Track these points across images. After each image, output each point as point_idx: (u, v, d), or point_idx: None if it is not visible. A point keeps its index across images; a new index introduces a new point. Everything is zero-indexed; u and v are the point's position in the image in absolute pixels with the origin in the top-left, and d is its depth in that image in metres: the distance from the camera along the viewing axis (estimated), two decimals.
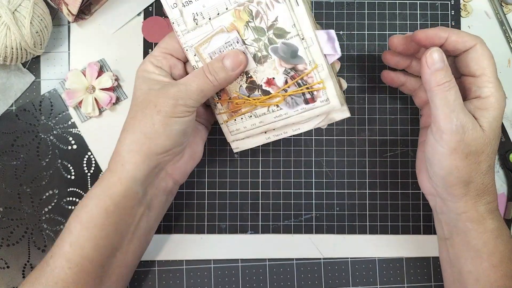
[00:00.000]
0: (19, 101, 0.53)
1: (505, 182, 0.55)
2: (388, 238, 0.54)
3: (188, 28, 0.43)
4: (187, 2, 0.42)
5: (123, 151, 0.43)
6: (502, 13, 0.55)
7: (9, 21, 0.46)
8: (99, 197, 0.43)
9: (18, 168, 0.53)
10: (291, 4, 0.41)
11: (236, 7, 0.42)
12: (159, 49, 0.46)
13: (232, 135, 0.48)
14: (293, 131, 0.46)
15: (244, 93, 0.45)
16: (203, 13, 0.43)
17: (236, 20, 0.42)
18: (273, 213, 0.54)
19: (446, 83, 0.41)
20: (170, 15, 0.43)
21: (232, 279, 0.53)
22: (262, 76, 0.44)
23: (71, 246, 0.43)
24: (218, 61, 0.43)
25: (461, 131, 0.41)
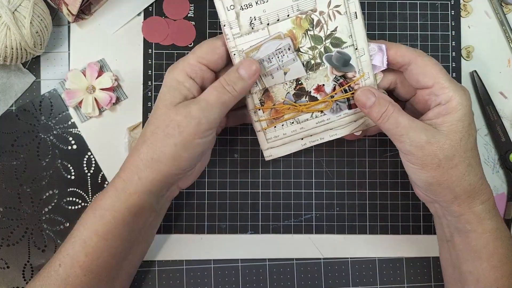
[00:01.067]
0: (19, 101, 0.53)
1: (505, 182, 0.55)
2: (388, 238, 0.54)
3: (242, 32, 0.42)
4: (247, 5, 0.41)
5: (141, 164, 0.43)
6: (502, 13, 0.55)
7: (9, 21, 0.46)
8: (117, 210, 0.43)
9: (18, 168, 0.53)
10: (351, 17, 0.43)
11: (298, 14, 0.42)
12: (195, 57, 0.43)
13: (268, 142, 0.47)
14: (330, 136, 0.48)
15: (290, 99, 0.46)
16: (262, 18, 0.42)
17: (296, 27, 0.43)
18: (273, 213, 0.54)
19: (383, 115, 0.43)
20: (222, 17, 0.42)
21: (232, 279, 0.53)
22: (313, 83, 0.45)
23: (87, 256, 0.43)
24: (234, 71, 0.43)
25: (419, 147, 0.42)
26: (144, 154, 0.43)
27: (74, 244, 0.43)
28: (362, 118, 0.47)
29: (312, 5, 0.42)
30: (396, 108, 0.43)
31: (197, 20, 0.54)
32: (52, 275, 0.43)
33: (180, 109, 0.42)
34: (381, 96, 0.43)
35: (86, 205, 0.53)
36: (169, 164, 0.43)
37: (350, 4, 0.43)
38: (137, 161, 0.43)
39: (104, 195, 0.44)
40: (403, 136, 0.42)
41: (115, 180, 0.44)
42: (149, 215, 0.46)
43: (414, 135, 0.42)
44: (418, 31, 0.54)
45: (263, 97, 0.46)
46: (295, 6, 0.42)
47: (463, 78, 0.55)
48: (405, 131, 0.42)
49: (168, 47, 0.54)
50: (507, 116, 0.55)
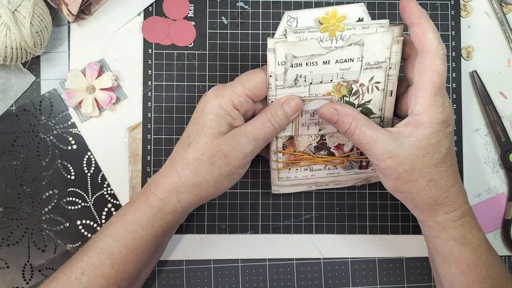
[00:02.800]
0: (19, 101, 0.53)
1: (505, 182, 0.55)
2: (388, 238, 0.54)
3: (285, 85, 0.44)
4: (297, 64, 0.43)
5: (182, 187, 0.44)
6: (502, 13, 0.55)
7: (9, 21, 0.46)
8: (152, 227, 0.44)
9: (18, 168, 0.53)
10: (386, 94, 0.46)
11: (340, 81, 0.45)
12: (242, 89, 0.43)
13: (279, 181, 0.50)
14: (334, 185, 0.51)
15: (310, 150, 0.49)
16: (307, 77, 0.44)
17: (334, 91, 0.45)
18: (273, 213, 0.54)
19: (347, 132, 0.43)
20: (271, 68, 0.43)
21: (232, 279, 0.53)
22: (335, 141, 0.49)
23: (114, 267, 0.44)
24: (279, 108, 0.44)
25: (380, 160, 0.42)
26: (186, 178, 0.43)
27: (100, 255, 0.44)
28: (367, 175, 0.51)
29: (355, 77, 0.45)
30: (360, 122, 0.43)
31: (197, 20, 0.54)
32: (73, 281, 0.43)
33: (228, 140, 0.43)
34: (344, 113, 0.43)
35: (86, 205, 0.53)
36: (210, 191, 0.44)
37: (389, 83, 0.45)
38: (177, 183, 0.44)
39: (136, 210, 0.44)
40: (367, 150, 0.43)
41: (149, 196, 0.44)
42: (176, 228, 0.48)
43: (376, 149, 0.42)
44: None
45: (286, 143, 0.48)
46: (340, 74, 0.44)
47: (463, 78, 0.55)
48: (369, 145, 0.42)
49: (168, 47, 0.54)
50: (507, 116, 0.55)
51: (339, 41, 0.42)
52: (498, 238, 0.55)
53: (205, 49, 0.54)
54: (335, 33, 0.42)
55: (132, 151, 0.53)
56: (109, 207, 0.53)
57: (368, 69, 0.44)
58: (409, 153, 0.41)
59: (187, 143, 0.44)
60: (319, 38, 0.42)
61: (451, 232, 0.43)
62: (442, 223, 0.43)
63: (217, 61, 0.54)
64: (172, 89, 0.54)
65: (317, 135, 0.48)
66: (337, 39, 0.42)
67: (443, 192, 0.42)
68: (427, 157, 0.41)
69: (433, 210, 0.43)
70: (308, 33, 0.42)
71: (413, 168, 0.41)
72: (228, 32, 0.54)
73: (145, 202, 0.44)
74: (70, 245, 0.53)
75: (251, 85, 0.43)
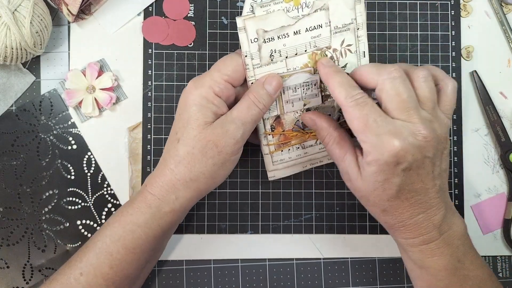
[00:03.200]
0: (19, 101, 0.53)
1: (505, 182, 0.55)
2: (388, 238, 0.54)
3: (262, 63, 0.45)
4: (270, 39, 0.44)
5: (179, 184, 0.43)
6: (502, 13, 0.55)
7: (9, 21, 0.46)
8: (150, 227, 0.44)
9: (18, 168, 0.53)
10: (360, 55, 0.47)
11: (314, 50, 0.46)
12: (220, 75, 0.43)
13: (274, 165, 0.50)
14: (328, 160, 0.51)
15: (299, 127, 0.49)
16: (282, 51, 0.45)
17: (311, 61, 0.46)
18: (273, 213, 0.54)
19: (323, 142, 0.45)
20: (245, 48, 0.44)
21: (232, 279, 0.53)
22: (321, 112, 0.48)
23: (112, 268, 0.44)
24: (261, 88, 0.44)
25: (346, 178, 0.44)
26: (181, 174, 0.43)
27: (99, 256, 0.44)
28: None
29: (327, 43, 0.46)
30: (332, 139, 0.44)
31: (197, 20, 0.54)
32: (72, 282, 0.43)
33: (216, 129, 0.43)
34: (321, 126, 0.45)
35: (86, 205, 0.53)
36: (207, 183, 0.44)
37: (360, 44, 0.46)
38: (173, 180, 0.43)
39: (134, 210, 0.44)
40: (337, 165, 0.44)
41: (147, 196, 0.44)
42: (176, 227, 0.48)
43: (342, 169, 0.44)
44: (418, 31, 0.54)
45: (274, 123, 0.48)
46: (312, 42, 0.45)
47: (463, 78, 0.55)
48: (336, 162, 0.44)
49: (168, 47, 0.54)
50: (507, 116, 0.55)
51: (305, 9, 0.44)
52: (498, 238, 0.55)
53: (205, 49, 0.54)
54: (299, 1, 0.43)
55: (132, 151, 0.53)
56: (109, 207, 0.53)
57: (337, 33, 0.45)
58: (362, 184, 0.42)
59: (176, 140, 0.44)
60: (286, 9, 0.43)
61: (410, 254, 0.44)
62: (401, 244, 0.45)
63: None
64: (172, 89, 0.54)
65: (302, 110, 0.48)
66: (302, 7, 0.44)
67: (398, 222, 0.43)
68: (377, 191, 0.41)
69: (393, 232, 0.45)
70: (274, 5, 0.43)
71: (367, 197, 0.43)
72: (228, 32, 0.54)
73: (143, 202, 0.44)
74: (70, 245, 0.53)
75: (228, 70, 0.43)
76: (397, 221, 0.42)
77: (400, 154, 0.39)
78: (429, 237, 0.42)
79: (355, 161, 0.43)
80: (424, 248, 0.43)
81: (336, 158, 0.44)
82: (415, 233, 0.43)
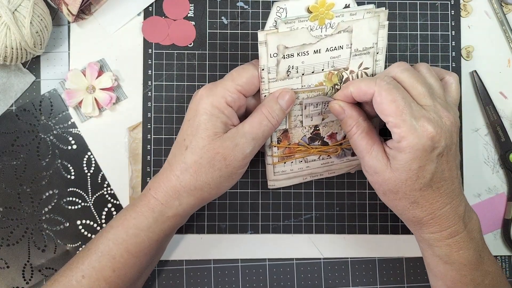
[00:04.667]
0: (19, 101, 0.53)
1: (505, 182, 0.55)
2: (388, 238, 0.54)
3: (278, 77, 0.44)
4: (289, 56, 0.43)
5: (183, 191, 0.43)
6: (502, 13, 0.55)
7: (9, 21, 0.46)
8: (153, 231, 0.44)
9: (18, 168, 0.53)
10: None
11: (331, 70, 0.45)
12: (234, 85, 0.43)
13: (275, 175, 0.50)
14: (329, 174, 0.52)
15: (305, 141, 0.49)
16: (299, 68, 0.44)
17: (326, 81, 0.46)
18: (273, 213, 0.54)
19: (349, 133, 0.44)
20: (263, 61, 0.43)
21: (232, 279, 0.53)
22: (328, 130, 0.49)
23: (115, 271, 0.44)
24: (275, 102, 0.44)
25: (369, 173, 0.43)
26: (186, 182, 0.43)
27: (101, 259, 0.44)
28: (358, 161, 0.50)
29: (345, 64, 0.45)
30: (360, 129, 0.43)
31: (197, 20, 0.54)
32: (74, 284, 0.43)
33: (226, 141, 0.42)
34: (350, 114, 0.44)
35: (86, 205, 0.53)
36: (211, 193, 0.44)
37: (377, 68, 0.46)
38: (177, 187, 0.43)
39: (137, 214, 0.44)
40: (360, 158, 0.44)
41: (151, 200, 0.44)
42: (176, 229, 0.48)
43: (368, 161, 0.43)
44: (418, 31, 0.54)
45: (281, 136, 0.48)
46: (331, 62, 0.45)
47: (463, 78, 0.55)
48: (361, 155, 0.43)
49: (168, 47, 0.54)
50: (507, 116, 0.55)
51: (329, 29, 0.43)
52: (498, 238, 0.55)
53: (205, 49, 0.54)
54: (324, 21, 0.43)
55: (132, 151, 0.53)
56: (109, 207, 0.53)
57: (357, 56, 0.45)
58: (393, 174, 0.41)
59: (184, 146, 0.43)
60: (309, 27, 0.42)
61: (436, 250, 0.43)
62: (428, 240, 0.44)
63: (217, 61, 0.54)
64: (172, 89, 0.54)
65: (310, 126, 0.48)
66: (326, 27, 0.43)
67: (428, 214, 0.42)
68: (409, 181, 0.41)
69: (419, 228, 0.44)
70: (298, 22, 0.42)
71: (397, 189, 0.42)
72: (228, 32, 0.54)
73: (146, 206, 0.44)
74: (70, 245, 0.53)
75: (242, 81, 0.43)
76: (427, 213, 0.42)
77: (436, 139, 0.40)
78: (455, 229, 0.42)
79: (383, 151, 0.42)
80: (451, 241, 0.43)
81: (361, 150, 0.43)
82: (443, 226, 0.42)
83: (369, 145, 0.43)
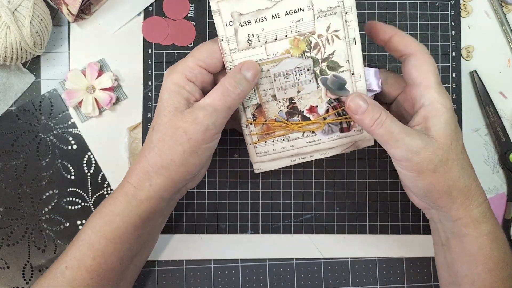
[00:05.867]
0: (19, 101, 0.53)
1: (505, 182, 0.55)
2: (388, 238, 0.54)
3: (239, 47, 0.43)
4: (246, 23, 0.42)
5: (151, 171, 0.43)
6: (502, 13, 0.55)
7: (9, 21, 0.46)
8: (128, 215, 0.43)
9: (18, 168, 0.53)
10: (350, 42, 0.43)
11: (296, 35, 0.43)
12: (193, 60, 0.43)
13: (258, 156, 0.47)
14: (320, 155, 0.48)
15: (283, 117, 0.46)
16: (260, 35, 0.42)
17: (293, 48, 0.43)
18: (273, 213, 0.54)
19: (377, 121, 0.42)
20: (221, 32, 0.42)
21: (232, 279, 0.53)
22: (306, 103, 0.45)
23: (95, 259, 0.43)
24: (237, 72, 0.43)
25: (413, 154, 0.41)
26: (153, 161, 0.43)
27: (81, 248, 0.43)
28: (353, 140, 0.47)
29: (311, 27, 0.42)
30: (389, 115, 0.42)
31: (197, 20, 0.54)
32: (58, 277, 0.43)
33: (186, 115, 0.42)
34: (373, 102, 0.43)
35: (86, 205, 0.53)
36: (179, 171, 0.43)
37: (350, 30, 0.43)
38: (146, 167, 0.43)
39: (113, 200, 0.44)
40: (398, 142, 0.41)
41: (125, 185, 0.44)
42: (158, 218, 0.47)
43: (410, 141, 0.41)
44: (418, 31, 0.54)
45: (255, 112, 0.46)
46: (293, 27, 0.42)
47: (463, 78, 0.55)
48: (400, 137, 0.41)
49: (168, 47, 0.54)
50: (507, 116, 0.55)
51: None
52: None
53: None
54: None
55: (132, 151, 0.53)
56: None
57: (322, 17, 0.42)
58: (440, 142, 0.41)
59: (152, 127, 0.44)
60: None
61: (484, 227, 0.43)
62: (477, 217, 0.43)
63: None
64: None
65: (285, 100, 0.45)
66: None
67: (473, 179, 0.43)
68: (454, 143, 0.42)
69: (469, 202, 0.43)
70: None
71: (447, 156, 0.42)
72: None
73: (120, 191, 0.44)
74: None
75: (202, 55, 0.43)
76: (473, 178, 0.43)
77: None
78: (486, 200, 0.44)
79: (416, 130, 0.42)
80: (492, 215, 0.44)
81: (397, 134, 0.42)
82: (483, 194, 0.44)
83: (403, 126, 0.42)
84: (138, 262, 0.49)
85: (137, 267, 0.49)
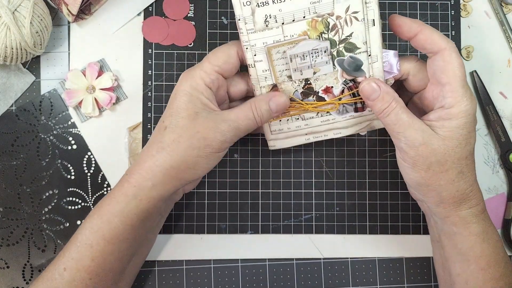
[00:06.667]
0: (19, 101, 0.53)
1: (505, 182, 0.55)
2: (388, 238, 0.54)
3: (256, 28, 0.43)
4: (263, 3, 0.42)
5: (158, 171, 0.43)
6: (502, 13, 0.55)
7: (9, 21, 0.46)
8: (126, 215, 0.43)
9: (18, 168, 0.53)
10: (368, 24, 0.43)
11: (314, 17, 0.42)
12: (211, 66, 0.43)
13: (272, 134, 0.48)
14: (334, 134, 0.48)
15: (298, 97, 0.46)
16: (277, 16, 0.42)
17: (310, 29, 0.43)
18: (273, 213, 0.54)
19: (385, 110, 0.42)
20: (238, 11, 0.42)
21: (232, 279, 0.53)
22: (322, 84, 0.46)
23: (94, 260, 0.43)
24: (265, 103, 0.44)
25: (412, 147, 0.42)
26: (162, 161, 0.43)
27: (80, 248, 0.43)
28: (367, 119, 0.47)
29: (329, 9, 0.42)
30: (399, 104, 0.43)
31: (197, 20, 0.54)
32: (57, 278, 0.43)
33: (209, 122, 0.42)
34: (386, 90, 0.43)
35: (86, 205, 0.53)
36: (188, 172, 0.43)
37: (369, 11, 0.43)
38: (152, 167, 0.43)
39: (111, 200, 0.44)
40: (400, 134, 0.42)
41: (124, 185, 0.44)
42: (156, 218, 0.47)
43: (411, 134, 0.42)
44: None
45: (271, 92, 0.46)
46: (312, 8, 0.42)
47: None
48: (402, 129, 0.42)
49: (168, 47, 0.54)
50: (507, 116, 0.55)
51: None
52: None
53: (205, 49, 0.54)
54: None
55: (132, 151, 0.53)
56: None
57: None
58: (443, 142, 0.41)
59: (163, 127, 0.43)
60: None
61: (474, 227, 0.43)
62: (466, 218, 0.43)
63: None
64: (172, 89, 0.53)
65: (301, 80, 0.45)
66: None
67: (469, 185, 0.43)
68: (459, 148, 0.42)
69: (458, 204, 0.43)
70: None
71: (445, 158, 0.42)
72: (228, 32, 0.54)
73: (120, 191, 0.44)
74: None
75: (219, 62, 0.43)
76: (469, 184, 0.43)
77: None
78: (484, 204, 0.44)
79: (425, 124, 0.42)
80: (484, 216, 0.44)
81: (403, 124, 0.42)
82: (477, 199, 0.43)
83: (410, 118, 0.42)
84: (137, 262, 0.49)
85: (135, 267, 0.49)
